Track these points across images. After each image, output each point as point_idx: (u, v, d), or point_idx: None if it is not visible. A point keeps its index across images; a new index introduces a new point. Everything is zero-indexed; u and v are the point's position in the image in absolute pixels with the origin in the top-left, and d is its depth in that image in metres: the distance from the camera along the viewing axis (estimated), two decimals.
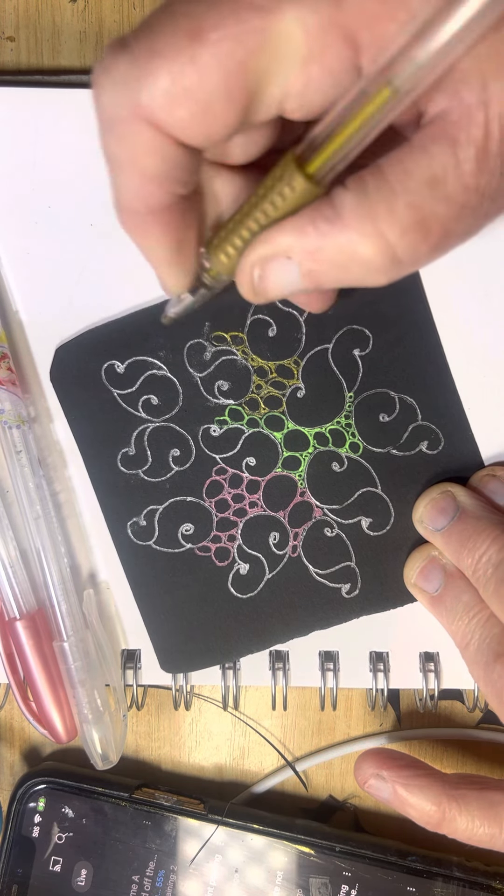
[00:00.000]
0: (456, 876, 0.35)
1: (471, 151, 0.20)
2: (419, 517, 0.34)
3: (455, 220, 0.21)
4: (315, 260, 0.22)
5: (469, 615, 0.32)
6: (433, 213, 0.21)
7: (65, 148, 0.34)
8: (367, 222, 0.21)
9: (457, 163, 0.20)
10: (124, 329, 0.34)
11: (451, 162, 0.20)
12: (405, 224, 0.21)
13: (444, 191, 0.21)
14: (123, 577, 0.36)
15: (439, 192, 0.21)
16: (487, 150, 0.20)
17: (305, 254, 0.22)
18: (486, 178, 0.21)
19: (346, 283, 0.23)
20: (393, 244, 0.21)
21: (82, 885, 0.36)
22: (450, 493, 0.33)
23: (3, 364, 0.33)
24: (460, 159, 0.20)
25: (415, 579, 0.34)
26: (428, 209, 0.21)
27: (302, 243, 0.22)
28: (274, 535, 0.35)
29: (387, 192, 0.21)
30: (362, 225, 0.21)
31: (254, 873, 0.35)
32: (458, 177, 0.21)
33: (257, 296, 0.25)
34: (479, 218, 0.22)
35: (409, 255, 0.22)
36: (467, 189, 0.21)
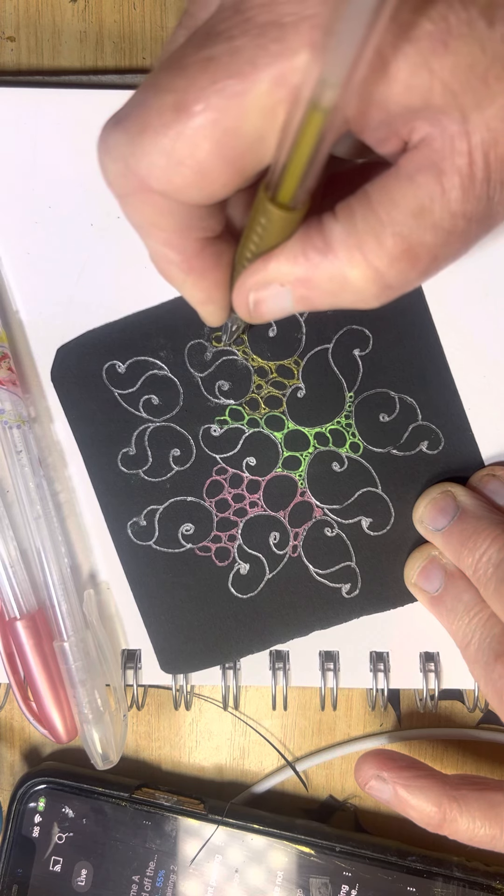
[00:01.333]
0: (456, 876, 0.35)
1: (455, 180, 0.21)
2: (419, 517, 0.34)
3: (443, 247, 0.22)
4: (307, 287, 0.23)
5: (469, 615, 0.32)
6: (421, 241, 0.21)
7: (65, 148, 0.34)
8: (356, 252, 0.22)
9: (442, 191, 0.21)
10: (125, 329, 0.34)
11: (436, 191, 0.21)
12: (393, 253, 0.21)
13: (430, 219, 0.21)
14: (123, 577, 0.36)
15: (426, 220, 0.21)
16: (472, 178, 0.21)
17: (297, 282, 0.23)
18: (473, 204, 0.21)
19: (339, 307, 0.23)
20: (382, 272, 0.22)
21: (82, 885, 0.36)
22: (450, 493, 0.34)
23: (4, 364, 0.33)
24: (446, 188, 0.21)
25: (415, 579, 0.34)
26: (415, 238, 0.21)
27: (294, 272, 0.23)
28: (274, 534, 0.35)
29: (374, 223, 0.21)
30: (351, 255, 0.22)
31: (254, 873, 0.35)
32: (444, 205, 0.21)
33: (253, 319, 0.26)
34: (468, 241, 0.22)
35: (399, 281, 0.22)
36: (454, 216, 0.21)
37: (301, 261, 0.23)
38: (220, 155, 0.21)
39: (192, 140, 0.20)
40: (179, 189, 0.21)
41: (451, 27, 0.20)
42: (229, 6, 0.21)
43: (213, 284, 0.26)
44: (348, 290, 0.22)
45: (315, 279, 0.23)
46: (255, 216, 0.23)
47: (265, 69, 0.20)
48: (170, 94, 0.21)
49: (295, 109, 0.20)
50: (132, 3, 0.35)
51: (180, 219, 0.23)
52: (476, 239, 0.22)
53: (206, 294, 0.26)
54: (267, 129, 0.21)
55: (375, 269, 0.22)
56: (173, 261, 0.24)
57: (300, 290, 0.23)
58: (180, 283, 0.26)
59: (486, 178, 0.21)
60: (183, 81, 0.20)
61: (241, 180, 0.22)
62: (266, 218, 0.22)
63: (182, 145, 0.21)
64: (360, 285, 0.22)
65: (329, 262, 0.22)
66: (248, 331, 0.34)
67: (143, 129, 0.21)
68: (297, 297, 0.24)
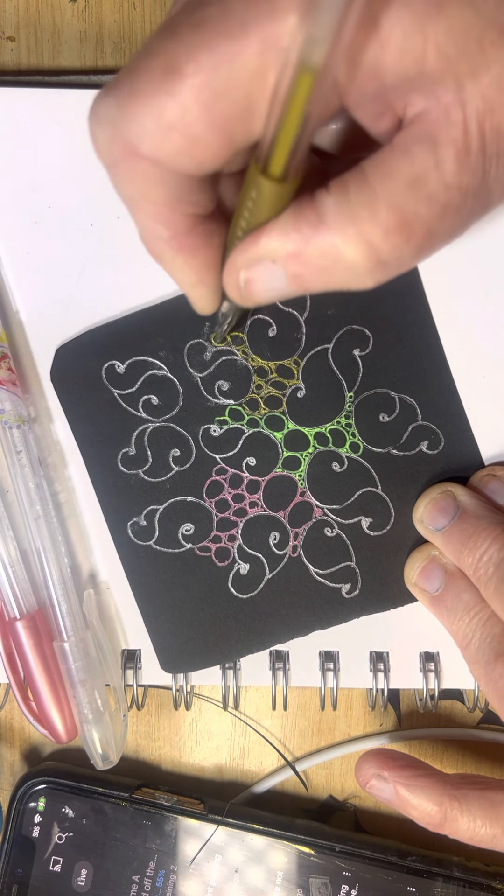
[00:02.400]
0: (456, 876, 0.35)
1: (451, 150, 0.20)
2: (419, 517, 0.34)
3: (438, 220, 0.21)
4: (300, 263, 0.22)
5: (470, 614, 0.32)
6: (415, 213, 0.21)
7: (65, 148, 0.34)
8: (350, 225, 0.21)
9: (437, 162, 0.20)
10: (125, 329, 0.34)
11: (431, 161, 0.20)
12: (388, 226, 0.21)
13: (425, 191, 0.21)
14: (123, 577, 0.36)
15: (421, 192, 0.21)
16: (468, 148, 0.20)
17: (290, 257, 0.22)
18: (468, 176, 0.21)
19: (333, 287, 0.23)
20: (376, 246, 0.21)
21: (82, 885, 0.36)
22: (450, 493, 0.34)
23: (4, 364, 0.33)
24: (440, 158, 0.20)
25: (415, 579, 0.34)
26: (410, 210, 0.21)
27: (286, 247, 0.22)
28: (274, 535, 0.35)
29: (368, 194, 0.21)
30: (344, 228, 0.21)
31: (254, 873, 0.35)
32: (439, 176, 0.20)
33: (244, 300, 0.25)
34: (464, 217, 0.22)
35: (394, 256, 0.21)
36: (449, 188, 0.21)
37: (293, 235, 0.22)
38: (210, 120, 0.20)
39: (182, 102, 0.20)
40: (170, 155, 0.21)
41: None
42: None
43: (204, 265, 0.25)
44: (341, 265, 0.22)
45: (307, 254, 0.22)
46: (246, 191, 0.22)
47: (255, 30, 0.20)
48: (160, 58, 0.20)
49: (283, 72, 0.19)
50: (132, 3, 0.35)
51: (170, 190, 0.22)
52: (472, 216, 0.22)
53: (197, 275, 0.25)
54: (257, 94, 0.20)
55: (369, 242, 0.21)
56: (162, 236, 0.24)
57: (292, 267, 0.22)
58: (170, 260, 0.25)
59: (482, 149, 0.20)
60: (173, 44, 0.20)
61: (231, 149, 0.21)
62: (257, 191, 0.22)
63: (172, 108, 0.20)
64: (354, 260, 0.21)
65: (321, 236, 0.21)
66: (243, 324, 0.34)
67: (133, 92, 0.21)
68: (289, 274, 0.23)
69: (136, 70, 0.21)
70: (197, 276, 0.25)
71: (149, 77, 0.20)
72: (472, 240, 0.34)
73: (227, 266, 0.24)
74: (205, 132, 0.21)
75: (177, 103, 0.20)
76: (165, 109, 0.20)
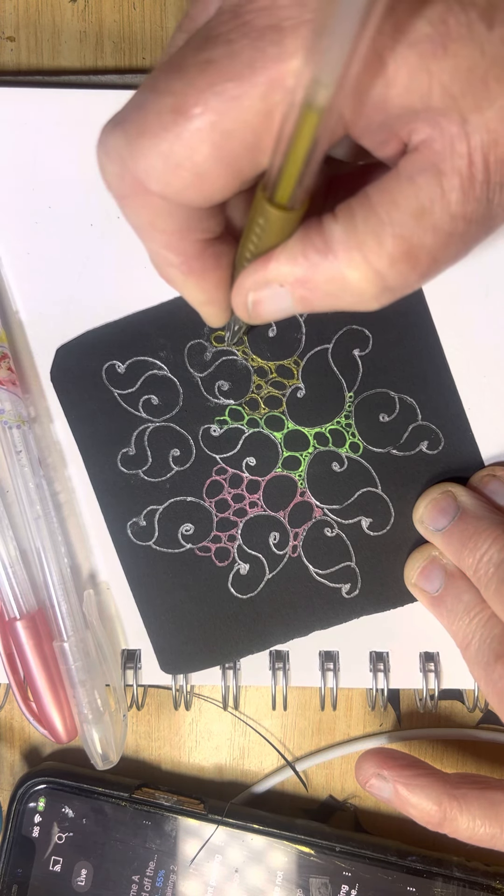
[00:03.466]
0: (456, 876, 0.35)
1: (455, 181, 0.21)
2: (419, 517, 0.34)
3: (443, 248, 0.22)
4: (307, 288, 0.23)
5: (470, 615, 0.32)
6: (421, 243, 0.21)
7: (65, 148, 0.34)
8: (356, 253, 0.22)
9: (442, 193, 0.21)
10: (125, 329, 0.34)
11: (436, 192, 0.21)
12: (394, 255, 0.21)
13: (430, 221, 0.21)
14: (123, 577, 0.36)
15: (426, 222, 0.21)
16: (472, 179, 0.21)
17: (297, 282, 0.23)
18: (473, 205, 0.21)
19: (338, 309, 0.23)
20: (382, 274, 0.22)
21: (82, 885, 0.36)
22: (450, 493, 0.34)
23: (3, 364, 0.33)
24: (445, 189, 0.21)
25: (415, 579, 0.34)
26: (416, 240, 0.21)
27: (294, 273, 0.23)
28: (274, 535, 0.35)
29: (375, 224, 0.21)
30: (351, 256, 0.22)
31: (254, 873, 0.35)
32: (444, 207, 0.21)
33: (252, 319, 0.25)
34: (468, 243, 0.22)
35: (399, 283, 0.22)
36: (454, 218, 0.21)
37: (301, 261, 0.22)
38: (217, 158, 0.21)
39: (190, 143, 0.20)
40: (178, 192, 0.21)
41: (451, 30, 0.20)
42: (228, 9, 0.21)
43: (214, 285, 0.26)
44: (348, 291, 0.22)
45: (314, 280, 0.23)
46: (254, 217, 0.23)
47: (262, 72, 0.20)
48: (168, 97, 0.21)
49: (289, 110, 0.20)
50: (132, 3, 0.35)
51: (179, 221, 0.23)
52: (475, 241, 0.22)
53: (207, 295, 0.26)
54: (264, 132, 0.21)
55: (375, 270, 0.22)
56: (173, 263, 0.24)
57: (299, 291, 0.23)
58: (181, 284, 0.26)
59: (486, 180, 0.21)
60: (181, 84, 0.21)
61: (238, 183, 0.22)
62: (264, 218, 0.22)
63: (180, 148, 0.21)
64: (360, 286, 0.22)
65: (329, 263, 0.22)
66: (250, 331, 0.34)
67: (142, 131, 0.21)
68: (296, 297, 0.23)
69: (144, 107, 0.21)
70: (207, 295, 0.26)
71: (157, 116, 0.21)
72: None
73: (235, 287, 0.25)
74: (212, 169, 0.21)
75: (184, 143, 0.21)
76: (173, 149, 0.21)
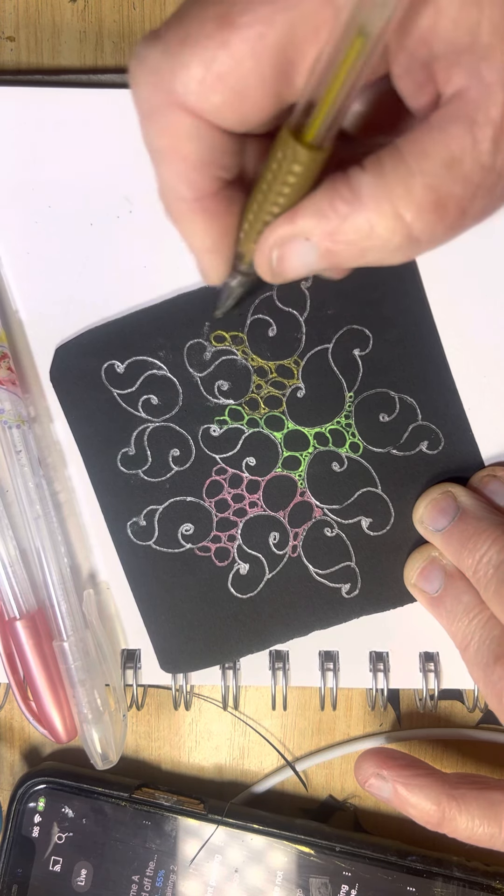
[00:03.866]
0: (456, 876, 0.35)
1: (488, 131, 0.20)
2: (419, 517, 0.34)
3: (471, 200, 0.21)
4: (334, 240, 0.22)
5: (469, 616, 0.32)
6: (450, 193, 0.21)
7: (65, 148, 0.34)
8: (385, 202, 0.21)
9: (474, 142, 0.20)
10: (124, 329, 0.34)
11: (468, 141, 0.20)
12: (422, 204, 0.21)
13: (461, 171, 0.21)
14: (123, 577, 0.36)
15: (456, 172, 0.21)
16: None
17: (324, 235, 0.22)
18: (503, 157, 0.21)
19: (364, 263, 0.23)
20: (410, 224, 0.21)
21: (82, 885, 0.36)
22: (450, 494, 0.33)
23: (3, 364, 0.33)
24: (478, 139, 0.20)
25: (415, 580, 0.34)
26: (445, 189, 0.21)
27: (321, 225, 0.22)
28: (274, 535, 0.35)
29: (404, 173, 0.21)
30: (380, 205, 0.21)
31: (254, 873, 0.35)
32: (475, 157, 0.20)
33: (275, 276, 0.24)
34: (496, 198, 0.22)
35: (426, 234, 0.22)
36: (484, 169, 0.21)
37: (328, 212, 0.22)
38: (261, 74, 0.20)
39: (235, 54, 0.20)
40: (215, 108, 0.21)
41: None
42: None
43: (221, 231, 0.24)
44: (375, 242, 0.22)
45: (341, 231, 0.22)
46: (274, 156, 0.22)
47: None
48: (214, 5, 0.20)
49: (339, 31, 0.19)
50: (132, 3, 0.35)
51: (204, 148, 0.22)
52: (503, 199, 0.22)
53: (213, 241, 0.25)
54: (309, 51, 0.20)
55: (403, 219, 0.21)
56: (185, 197, 0.23)
57: (326, 244, 0.22)
58: (188, 223, 0.24)
59: None
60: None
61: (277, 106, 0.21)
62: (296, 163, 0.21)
63: (223, 59, 0.20)
64: (387, 237, 0.21)
65: (357, 213, 0.21)
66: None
67: (183, 40, 0.20)
68: (322, 251, 0.23)
69: (186, 17, 0.20)
70: (213, 241, 0.25)
71: (200, 25, 0.20)
72: (472, 240, 0.34)
73: (259, 243, 0.24)
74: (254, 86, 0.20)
75: (229, 54, 0.20)
76: (216, 60, 0.20)
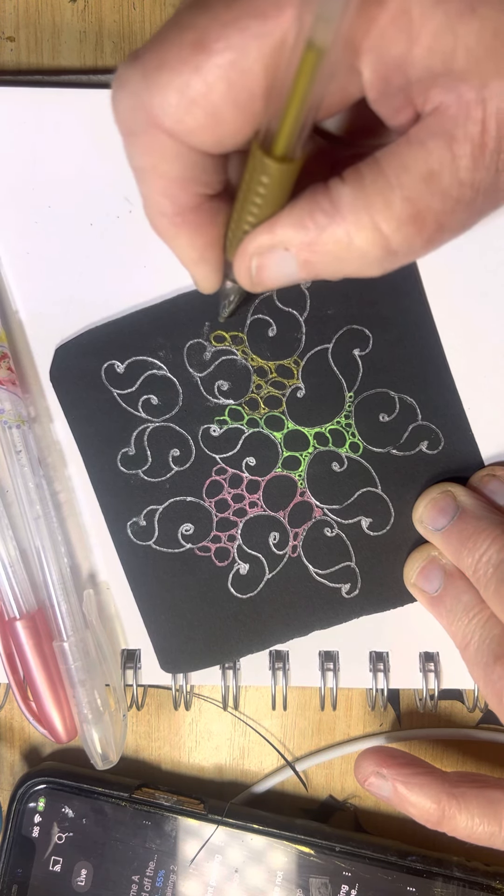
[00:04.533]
0: (456, 876, 0.35)
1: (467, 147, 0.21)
2: (419, 517, 0.34)
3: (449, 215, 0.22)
4: (312, 252, 0.23)
5: (469, 616, 0.32)
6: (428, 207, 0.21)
7: (65, 148, 0.34)
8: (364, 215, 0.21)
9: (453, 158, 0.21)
10: (124, 329, 0.34)
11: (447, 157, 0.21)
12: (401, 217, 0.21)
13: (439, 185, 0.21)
14: (123, 577, 0.36)
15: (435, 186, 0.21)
16: (484, 147, 0.21)
17: (302, 245, 0.23)
18: (482, 174, 0.21)
19: (342, 275, 0.23)
20: (388, 236, 0.22)
21: (82, 885, 0.36)
22: (450, 493, 0.33)
23: (3, 364, 0.33)
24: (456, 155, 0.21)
25: (414, 579, 0.34)
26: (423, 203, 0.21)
27: (300, 235, 0.22)
28: (274, 535, 0.35)
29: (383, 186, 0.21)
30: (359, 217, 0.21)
31: (254, 873, 0.35)
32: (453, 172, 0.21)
33: (255, 286, 0.25)
34: (474, 213, 0.22)
35: (404, 247, 0.22)
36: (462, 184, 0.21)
37: (308, 223, 0.22)
38: (234, 98, 0.21)
39: (208, 79, 0.20)
40: (190, 131, 0.21)
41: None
42: None
43: (207, 243, 0.25)
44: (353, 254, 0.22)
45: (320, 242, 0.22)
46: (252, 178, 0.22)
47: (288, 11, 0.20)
48: (190, 31, 0.20)
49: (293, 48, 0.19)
50: (132, 3, 0.35)
51: (184, 167, 0.22)
52: (481, 213, 0.22)
53: (199, 253, 0.25)
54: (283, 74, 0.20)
55: (381, 232, 0.22)
56: (166, 212, 0.24)
57: (304, 255, 0.23)
58: (172, 237, 0.25)
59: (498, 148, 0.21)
60: (205, 19, 0.20)
61: (250, 129, 0.22)
62: (266, 175, 0.22)
63: (198, 83, 0.20)
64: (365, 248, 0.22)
65: (336, 225, 0.22)
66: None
67: (160, 64, 0.21)
68: (300, 261, 0.23)
69: (164, 41, 0.21)
70: (199, 253, 0.25)
71: (177, 50, 0.20)
72: (472, 239, 0.34)
73: (238, 253, 0.24)
74: (227, 109, 0.21)
75: (202, 79, 0.20)
76: (190, 85, 0.20)
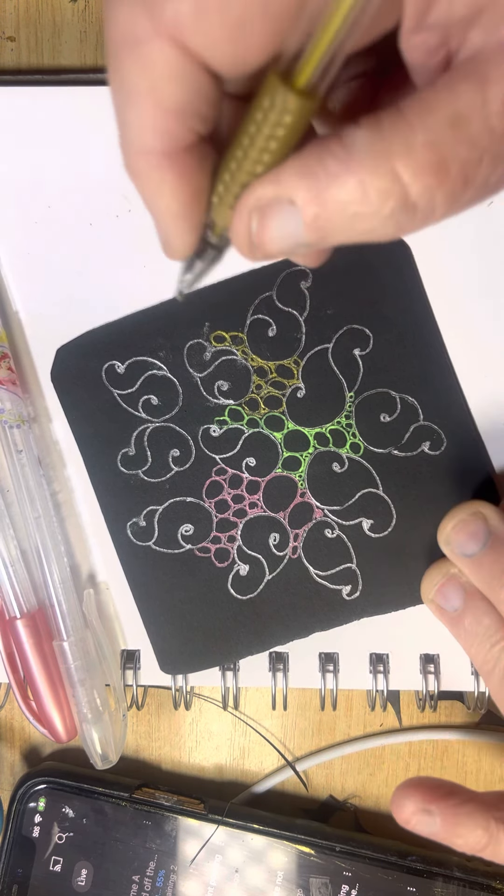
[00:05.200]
0: (456, 876, 0.35)
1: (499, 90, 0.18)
2: (445, 538, 0.33)
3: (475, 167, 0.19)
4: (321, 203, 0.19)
5: (491, 641, 0.31)
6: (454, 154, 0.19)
7: (65, 148, 0.33)
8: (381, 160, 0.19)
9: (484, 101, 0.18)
10: (124, 329, 0.34)
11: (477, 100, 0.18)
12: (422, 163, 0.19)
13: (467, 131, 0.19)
14: (123, 577, 0.35)
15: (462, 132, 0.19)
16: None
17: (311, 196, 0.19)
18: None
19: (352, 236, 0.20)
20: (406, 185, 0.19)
21: (82, 885, 0.36)
22: (481, 516, 0.32)
23: (3, 364, 0.33)
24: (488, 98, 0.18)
25: (433, 596, 0.33)
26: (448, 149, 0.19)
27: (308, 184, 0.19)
28: (274, 535, 0.35)
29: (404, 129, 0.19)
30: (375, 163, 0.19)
31: (254, 873, 0.35)
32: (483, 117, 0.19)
33: (254, 250, 0.21)
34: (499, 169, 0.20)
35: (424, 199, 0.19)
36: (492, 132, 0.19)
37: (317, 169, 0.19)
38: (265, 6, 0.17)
39: None
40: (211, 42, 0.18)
41: None
42: None
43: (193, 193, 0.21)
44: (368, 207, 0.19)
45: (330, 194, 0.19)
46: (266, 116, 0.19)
47: None
48: None
49: None
50: None
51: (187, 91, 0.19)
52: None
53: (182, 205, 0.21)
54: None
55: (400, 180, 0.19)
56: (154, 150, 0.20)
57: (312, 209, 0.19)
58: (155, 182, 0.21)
59: None
60: None
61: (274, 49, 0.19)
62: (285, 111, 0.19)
63: None
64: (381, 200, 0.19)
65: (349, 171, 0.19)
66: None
67: None
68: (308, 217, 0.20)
69: None
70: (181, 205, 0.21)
71: None
72: (473, 238, 0.34)
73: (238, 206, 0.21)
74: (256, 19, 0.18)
75: None
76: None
